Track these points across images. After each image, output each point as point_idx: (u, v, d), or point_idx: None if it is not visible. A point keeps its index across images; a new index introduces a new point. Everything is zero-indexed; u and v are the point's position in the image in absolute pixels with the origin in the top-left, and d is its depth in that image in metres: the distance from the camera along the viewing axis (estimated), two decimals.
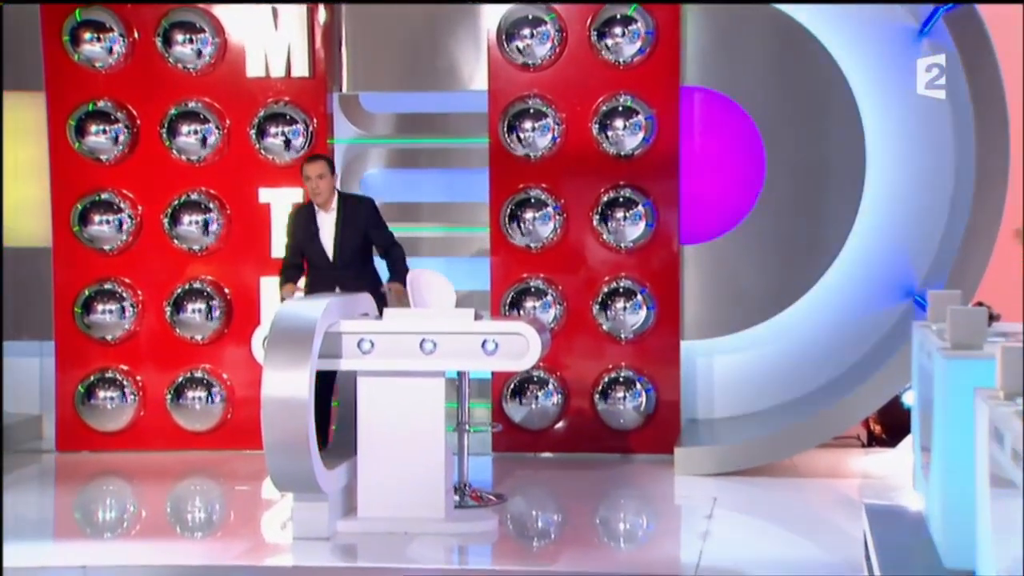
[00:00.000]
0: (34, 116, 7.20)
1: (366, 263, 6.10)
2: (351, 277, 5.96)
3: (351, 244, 6.02)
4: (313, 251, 6.04)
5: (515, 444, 6.97)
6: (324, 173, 6.01)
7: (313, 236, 6.03)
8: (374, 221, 6.08)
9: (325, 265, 6.02)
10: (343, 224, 6.02)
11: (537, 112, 6.99)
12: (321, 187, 5.98)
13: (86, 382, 7.17)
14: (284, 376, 4.96)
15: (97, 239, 7.20)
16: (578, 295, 7.00)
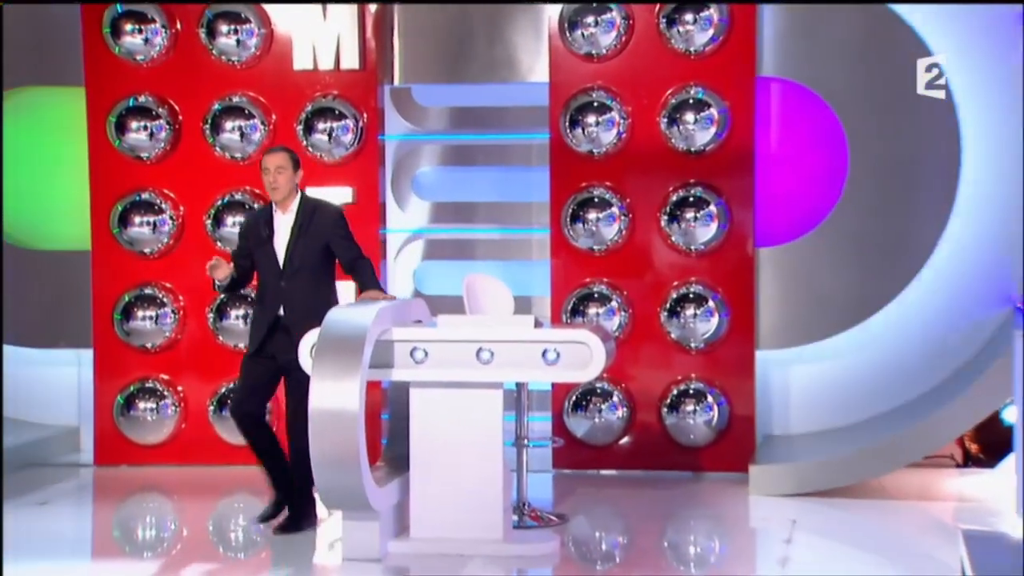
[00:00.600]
0: (74, 112, 7.28)
1: (320, 281, 5.61)
2: (300, 292, 5.57)
3: (306, 253, 5.58)
4: (262, 255, 5.61)
5: (577, 460, 6.94)
6: (284, 166, 5.60)
7: (266, 239, 5.61)
8: (339, 232, 5.61)
9: (273, 273, 5.60)
10: (301, 229, 5.59)
11: (601, 105, 6.94)
12: (279, 182, 5.58)
13: (125, 392, 7.21)
14: (333, 387, 4.95)
15: (137, 241, 7.24)
16: (645, 301, 6.97)
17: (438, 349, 5.22)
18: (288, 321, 5.56)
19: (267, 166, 5.64)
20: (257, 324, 5.65)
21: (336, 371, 4.94)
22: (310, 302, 5.55)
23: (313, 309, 5.47)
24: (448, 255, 7.31)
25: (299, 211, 5.66)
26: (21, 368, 7.46)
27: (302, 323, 5.45)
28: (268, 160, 5.66)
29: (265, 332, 5.57)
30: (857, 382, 6.91)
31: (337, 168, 7.11)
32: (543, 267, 7.07)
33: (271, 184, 5.62)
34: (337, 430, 4.90)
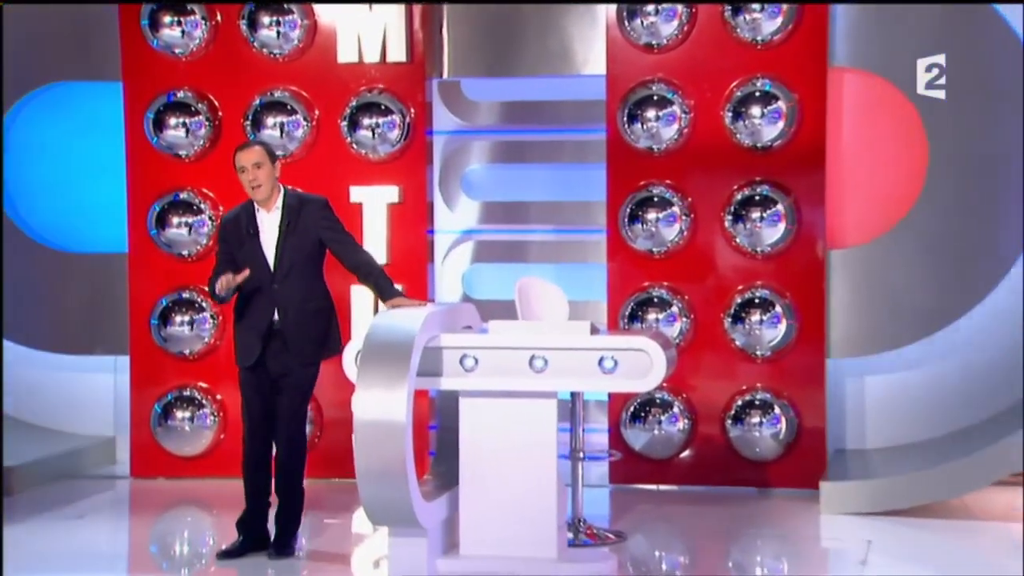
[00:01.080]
0: (110, 108, 7.31)
1: (316, 279, 5.49)
2: (295, 294, 5.43)
3: (298, 251, 5.44)
4: (250, 260, 5.42)
5: (635, 475, 6.89)
6: (262, 161, 5.41)
7: (250, 239, 5.44)
8: (327, 223, 5.47)
9: (262, 277, 5.42)
10: (289, 226, 5.43)
11: (662, 99, 6.87)
12: (260, 177, 5.39)
13: (162, 401, 7.21)
14: (379, 396, 4.92)
15: (175, 243, 7.24)
16: (707, 306, 6.88)
17: (489, 356, 5.19)
18: (282, 326, 5.44)
19: (243, 164, 5.47)
20: (250, 333, 5.48)
21: (382, 380, 4.92)
22: (305, 304, 5.47)
23: (308, 312, 5.45)
24: (499, 257, 7.30)
25: (284, 207, 5.49)
26: (56, 375, 7.53)
27: (297, 328, 5.42)
28: (243, 157, 5.47)
29: (262, 341, 5.44)
30: (936, 393, 6.82)
31: (382, 166, 7.10)
32: (599, 270, 7.02)
33: (251, 182, 5.45)
34: (383, 442, 4.88)
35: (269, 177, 5.45)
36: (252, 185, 5.45)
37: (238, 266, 5.49)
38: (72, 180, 7.52)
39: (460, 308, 5.71)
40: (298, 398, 5.51)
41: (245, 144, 5.64)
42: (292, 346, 5.44)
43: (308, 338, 5.47)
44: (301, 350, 5.48)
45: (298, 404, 5.52)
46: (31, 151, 7.55)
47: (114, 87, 7.26)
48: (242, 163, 5.48)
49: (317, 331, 5.51)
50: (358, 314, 6.98)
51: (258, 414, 5.53)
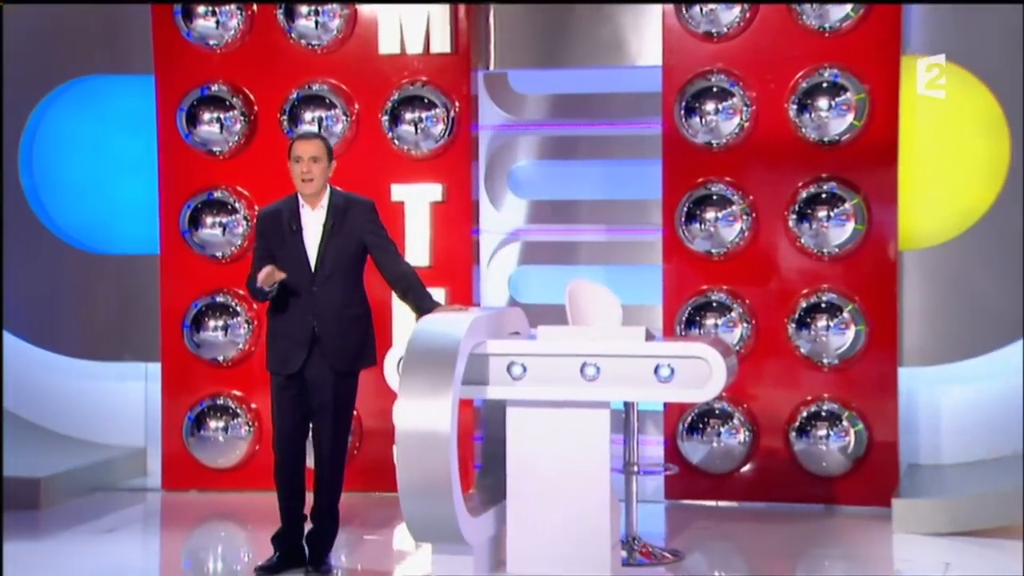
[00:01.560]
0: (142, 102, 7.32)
1: (356, 285, 5.44)
2: (335, 298, 5.37)
3: (342, 253, 5.38)
4: (289, 258, 5.36)
5: (693, 490, 6.83)
6: (320, 156, 5.37)
7: (292, 236, 5.38)
8: (373, 227, 5.43)
9: (301, 278, 5.36)
10: (334, 226, 5.38)
11: (721, 91, 6.80)
12: (315, 172, 5.35)
13: (195, 410, 7.19)
14: (422, 405, 4.90)
15: (208, 244, 7.23)
16: (770, 311, 6.81)
17: (538, 364, 5.16)
18: (319, 334, 5.39)
19: (300, 154, 5.39)
20: (289, 339, 5.41)
21: (425, 388, 4.90)
22: (344, 310, 5.42)
23: (347, 318, 5.40)
24: (548, 259, 7.27)
25: (330, 206, 5.44)
26: (84, 382, 7.55)
27: (334, 335, 5.37)
28: (302, 147, 5.41)
29: (306, 349, 5.37)
30: (1017, 405, 6.66)
31: (425, 162, 7.06)
32: (655, 272, 6.97)
33: (304, 174, 5.38)
34: (426, 454, 4.86)
35: (323, 174, 5.41)
36: (304, 178, 5.38)
37: (277, 264, 5.42)
38: (101, 178, 7.55)
39: (507, 313, 5.68)
40: (339, 413, 5.45)
41: (306, 134, 5.63)
42: (328, 354, 5.39)
43: (345, 346, 5.42)
44: (338, 359, 5.42)
45: (340, 420, 5.46)
46: (59, 148, 7.58)
47: (146, 80, 7.27)
48: (300, 153, 5.41)
49: (355, 339, 5.46)
50: (400, 320, 6.93)
51: (292, 425, 5.48)
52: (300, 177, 5.41)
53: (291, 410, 5.48)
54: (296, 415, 5.48)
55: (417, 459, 4.87)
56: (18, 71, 7.41)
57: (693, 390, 5.12)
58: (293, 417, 5.48)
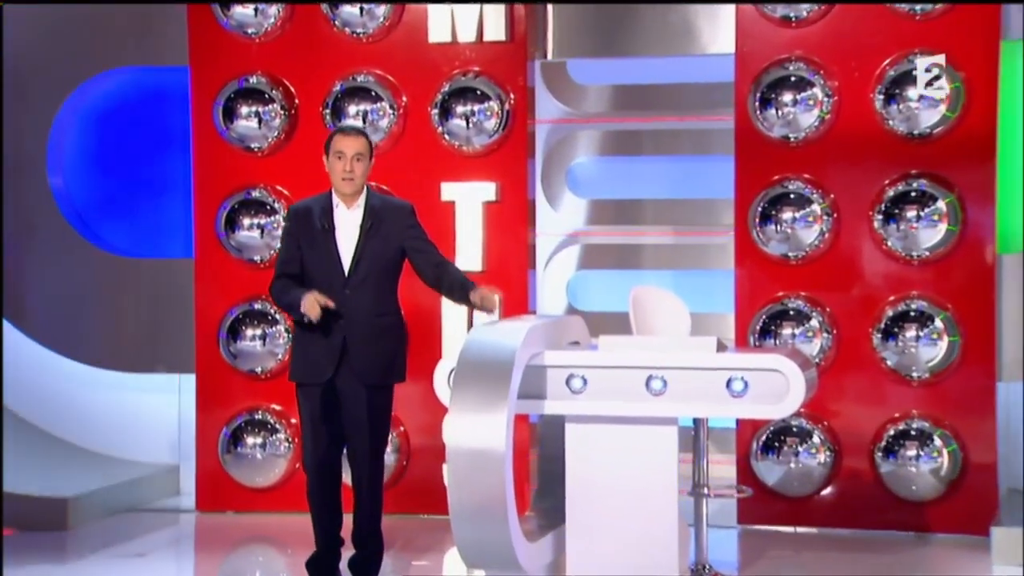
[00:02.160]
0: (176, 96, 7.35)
1: (390, 292, 5.42)
2: (367, 304, 5.33)
3: (378, 257, 5.36)
4: (320, 259, 5.35)
5: (768, 515, 6.76)
6: (364, 153, 5.37)
7: (324, 235, 5.35)
8: (414, 231, 5.43)
9: (333, 282, 5.32)
10: (371, 228, 5.36)
11: (800, 80, 6.71)
12: (357, 172, 5.35)
13: (231, 426, 7.17)
14: (475, 421, 4.87)
15: (246, 248, 7.20)
16: (853, 320, 6.70)
17: (599, 376, 5.14)
18: (348, 342, 5.35)
19: (342, 150, 5.37)
20: (318, 347, 5.36)
21: (478, 402, 4.88)
22: (377, 318, 5.37)
23: (379, 327, 5.37)
24: (610, 263, 7.25)
25: (367, 206, 5.42)
26: (114, 395, 7.56)
27: (365, 343, 5.34)
28: (346, 143, 5.39)
29: (335, 358, 5.32)
30: None
31: (478, 160, 7.02)
32: (726, 278, 6.90)
33: (346, 173, 5.36)
34: (479, 473, 4.84)
35: (364, 173, 5.41)
36: (345, 176, 5.36)
37: (305, 265, 5.40)
38: (131, 176, 7.57)
39: (566, 321, 5.66)
40: (375, 428, 5.41)
41: (350, 128, 5.56)
42: (357, 365, 5.34)
43: (376, 358, 5.38)
44: (367, 371, 5.37)
45: (376, 435, 5.42)
46: (87, 143, 7.59)
47: (180, 72, 7.28)
48: (343, 148, 5.38)
49: (386, 350, 5.42)
50: (450, 328, 6.96)
51: (324, 441, 5.44)
52: (341, 175, 5.39)
53: (323, 428, 5.43)
54: (328, 430, 5.43)
55: (469, 479, 4.84)
56: (44, 62, 7.46)
57: (768, 406, 5.07)
58: (325, 432, 5.43)
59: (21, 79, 7.47)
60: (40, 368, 7.51)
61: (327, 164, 5.42)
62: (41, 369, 7.51)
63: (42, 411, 7.53)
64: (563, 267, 7.26)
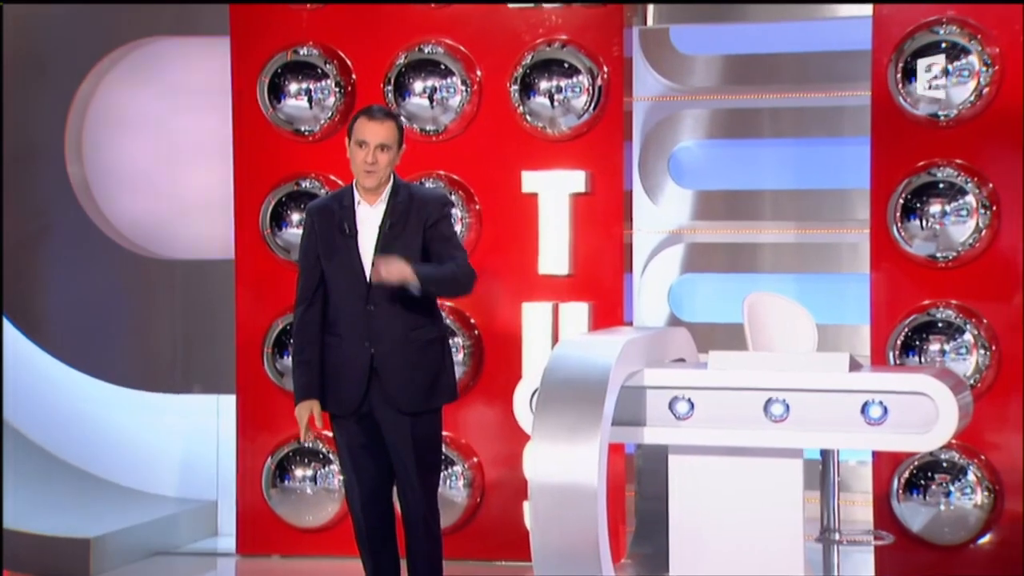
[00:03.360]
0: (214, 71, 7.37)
1: (426, 302, 5.36)
2: (396, 319, 5.29)
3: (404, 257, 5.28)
4: (341, 270, 5.32)
5: (913, 565, 6.55)
6: (390, 143, 5.31)
7: (344, 240, 5.33)
8: (442, 230, 5.36)
9: (354, 289, 5.30)
10: (393, 226, 5.32)
11: (953, 47, 6.47)
12: (381, 162, 5.29)
13: (278, 455, 7.16)
14: (562, 451, 4.75)
15: (295, 248, 7.00)
16: (1015, 334, 6.49)
17: (709, 399, 5.01)
18: (377, 365, 5.31)
19: (366, 138, 5.30)
20: (344, 373, 5.36)
21: (566, 429, 4.76)
22: (409, 333, 5.34)
23: (413, 344, 5.34)
24: (720, 266, 7.16)
25: (390, 200, 5.36)
26: (142, 420, 7.59)
27: (397, 365, 5.31)
28: (369, 130, 5.31)
29: (363, 384, 5.27)
30: None
31: (564, 144, 6.95)
32: (860, 283, 6.76)
33: (367, 164, 5.29)
34: (567, 513, 4.72)
35: (389, 165, 5.37)
36: (366, 168, 5.32)
37: (326, 280, 5.37)
38: (164, 163, 7.60)
39: (669, 334, 5.58)
40: (422, 462, 5.36)
41: (377, 112, 5.45)
42: (390, 390, 5.29)
43: (412, 381, 5.32)
44: (403, 398, 5.32)
45: (425, 470, 5.37)
46: (114, 125, 7.61)
47: (218, 44, 7.31)
48: (365, 136, 5.32)
49: (424, 370, 5.36)
50: (532, 342, 6.88)
51: (371, 478, 5.42)
52: (361, 166, 5.33)
53: (365, 460, 5.41)
54: (371, 464, 5.41)
55: (556, 520, 4.72)
56: (65, 35, 7.49)
57: (913, 436, 4.88)
58: (368, 469, 5.41)
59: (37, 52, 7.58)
60: (56, 387, 7.57)
61: (348, 151, 5.38)
62: (58, 388, 7.57)
63: (58, 437, 7.57)
64: (665, 270, 7.19)
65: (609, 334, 5.29)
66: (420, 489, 5.33)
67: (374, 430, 5.35)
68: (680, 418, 5.00)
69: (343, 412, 5.35)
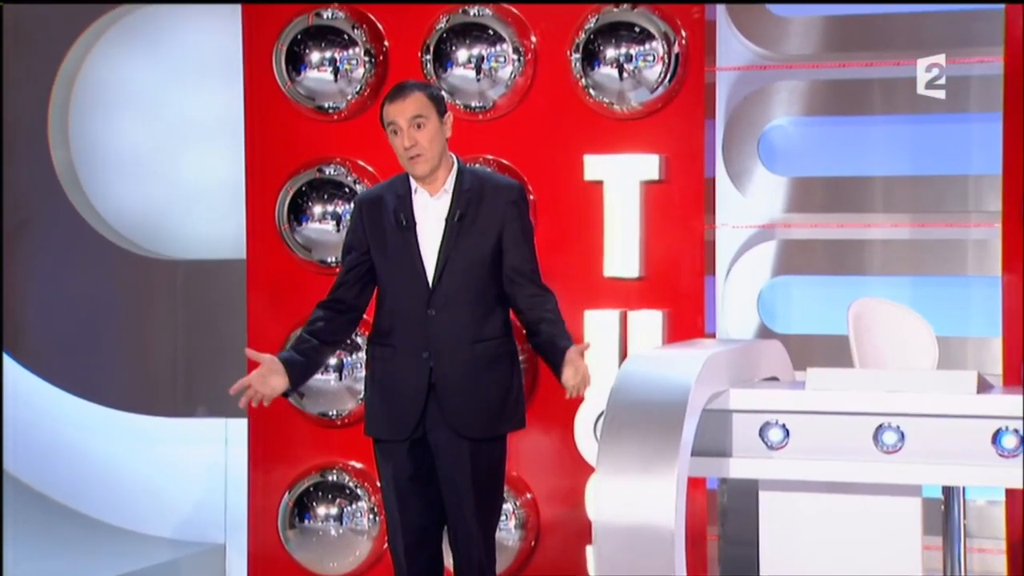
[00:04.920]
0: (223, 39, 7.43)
1: (496, 308, 5.41)
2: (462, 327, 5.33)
3: (473, 261, 5.34)
4: (397, 268, 5.38)
5: None
6: (424, 114, 5.31)
7: (401, 235, 5.36)
8: (517, 228, 5.39)
9: (411, 290, 5.34)
10: (462, 218, 5.35)
11: None
12: (422, 141, 5.30)
13: (297, 490, 7.17)
14: (633, 486, 4.73)
15: (317, 246, 7.15)
16: None
17: (807, 425, 5.01)
18: (436, 381, 5.34)
19: (394, 119, 5.32)
20: (396, 390, 5.40)
21: (637, 460, 4.74)
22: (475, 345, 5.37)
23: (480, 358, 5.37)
24: (821, 267, 7.07)
25: (456, 190, 5.39)
26: (139, 449, 7.63)
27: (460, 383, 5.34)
28: (394, 109, 5.33)
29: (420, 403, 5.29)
30: None
31: (635, 124, 6.89)
32: (989, 287, 6.73)
33: (409, 149, 5.31)
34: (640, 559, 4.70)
35: (435, 140, 5.36)
36: (410, 154, 5.34)
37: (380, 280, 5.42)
38: (163, 147, 7.64)
39: (759, 348, 5.60)
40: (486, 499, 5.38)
41: (397, 90, 5.45)
42: (451, 412, 5.31)
43: (476, 399, 5.34)
44: (467, 419, 5.33)
45: (487, 510, 5.38)
46: (104, 104, 7.65)
47: (227, 7, 7.41)
48: (393, 117, 5.34)
49: (492, 389, 5.39)
50: (596, 356, 6.67)
51: (419, 517, 5.43)
52: (405, 154, 5.35)
53: (412, 495, 5.41)
54: (421, 502, 5.42)
55: (625, 567, 4.71)
56: None
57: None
58: (416, 506, 5.42)
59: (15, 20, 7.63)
60: (36, 409, 7.62)
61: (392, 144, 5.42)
62: (37, 410, 7.61)
63: (37, 467, 7.61)
64: (754, 272, 7.09)
65: (688, 347, 5.30)
66: (477, 531, 5.34)
67: (425, 459, 5.37)
68: (773, 447, 5.01)
69: (395, 436, 5.34)
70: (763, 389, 5.13)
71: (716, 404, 4.98)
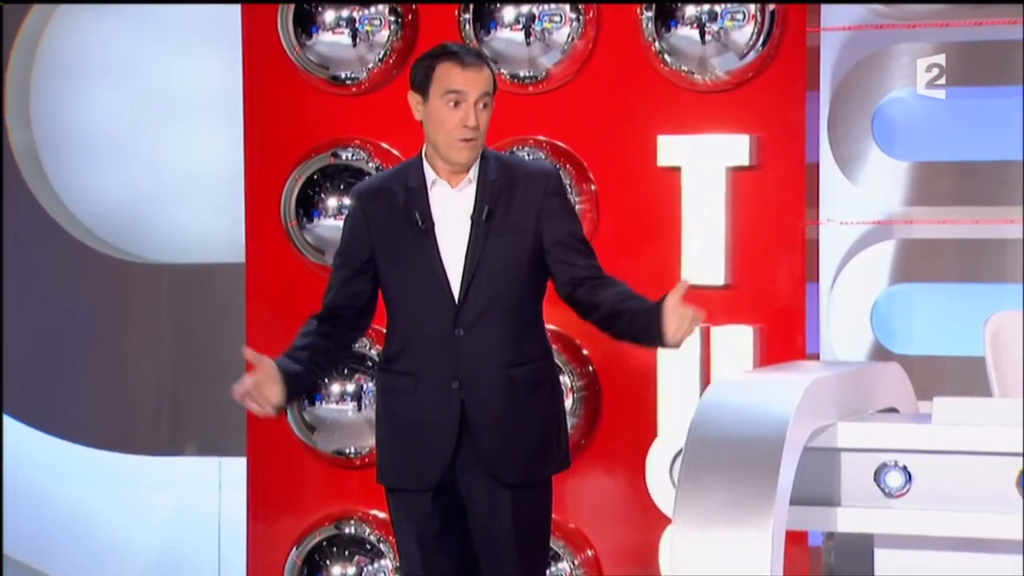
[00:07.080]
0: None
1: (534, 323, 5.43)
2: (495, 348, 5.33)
3: (506, 266, 5.34)
4: (412, 277, 5.38)
5: None
6: (491, 93, 5.35)
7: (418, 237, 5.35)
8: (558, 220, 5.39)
9: (433, 306, 5.34)
10: (491, 216, 5.34)
11: None
12: (483, 125, 5.33)
13: (307, 545, 7.19)
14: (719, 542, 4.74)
15: (330, 247, 7.04)
16: None
17: (933, 468, 5.00)
18: (470, 414, 5.32)
19: (464, 88, 5.29)
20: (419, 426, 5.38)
21: (724, 508, 4.77)
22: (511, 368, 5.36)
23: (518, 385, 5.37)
24: (950, 273, 7.06)
25: (481, 180, 5.37)
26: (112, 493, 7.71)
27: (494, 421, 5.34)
28: (467, 79, 5.30)
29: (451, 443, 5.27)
30: None
31: (720, 97, 6.91)
32: None
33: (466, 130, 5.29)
34: None
35: (486, 127, 5.39)
36: (465, 135, 5.31)
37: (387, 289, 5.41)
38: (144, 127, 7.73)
39: (873, 372, 5.64)
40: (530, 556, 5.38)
41: (466, 52, 5.45)
42: (487, 453, 5.31)
43: (517, 437, 5.34)
44: (506, 461, 5.33)
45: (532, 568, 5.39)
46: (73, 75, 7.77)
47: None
48: (462, 86, 5.30)
49: (534, 425, 5.40)
50: (671, 382, 6.89)
51: None
52: (458, 134, 5.30)
53: (440, 555, 5.41)
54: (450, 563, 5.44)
55: None
56: None
57: None
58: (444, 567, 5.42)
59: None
60: None
61: (421, 112, 5.34)
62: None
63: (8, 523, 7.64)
64: (867, 278, 7.06)
65: (785, 371, 5.35)
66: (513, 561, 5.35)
67: (455, 510, 5.37)
68: (891, 495, 5.00)
69: (419, 485, 5.33)
70: (879, 423, 5.14)
71: (820, 441, 5.00)
